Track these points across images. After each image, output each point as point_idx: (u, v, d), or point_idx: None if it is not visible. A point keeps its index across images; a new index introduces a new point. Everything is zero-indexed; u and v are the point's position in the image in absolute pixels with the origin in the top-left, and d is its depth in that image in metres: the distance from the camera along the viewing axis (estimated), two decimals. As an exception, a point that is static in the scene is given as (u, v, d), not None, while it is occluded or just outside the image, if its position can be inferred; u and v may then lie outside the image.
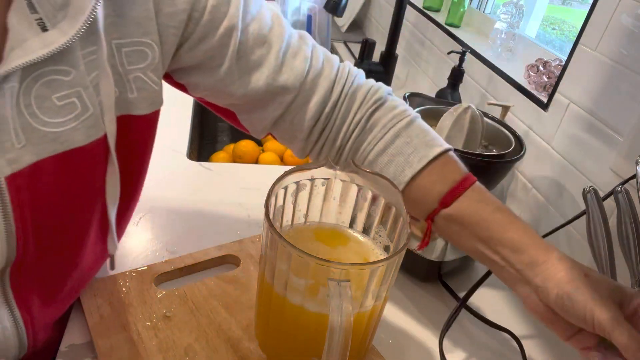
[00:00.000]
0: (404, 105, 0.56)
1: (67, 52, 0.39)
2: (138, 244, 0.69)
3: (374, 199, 0.52)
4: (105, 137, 0.45)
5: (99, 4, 0.39)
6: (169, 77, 0.54)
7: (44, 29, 0.38)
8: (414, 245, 0.57)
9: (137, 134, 0.49)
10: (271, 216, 0.46)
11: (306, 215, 0.54)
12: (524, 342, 0.64)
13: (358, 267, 0.43)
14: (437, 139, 0.54)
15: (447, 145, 0.54)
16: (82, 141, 0.43)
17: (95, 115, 0.43)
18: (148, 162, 0.54)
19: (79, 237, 0.48)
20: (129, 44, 0.45)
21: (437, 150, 0.52)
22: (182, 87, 0.56)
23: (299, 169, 0.50)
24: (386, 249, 0.53)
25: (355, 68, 0.58)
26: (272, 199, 0.48)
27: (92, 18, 0.39)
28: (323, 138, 0.57)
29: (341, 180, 0.53)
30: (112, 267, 0.57)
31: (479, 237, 0.49)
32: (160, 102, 0.50)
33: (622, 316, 0.40)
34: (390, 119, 0.54)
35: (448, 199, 0.50)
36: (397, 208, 0.50)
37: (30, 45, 0.37)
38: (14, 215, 0.40)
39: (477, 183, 0.52)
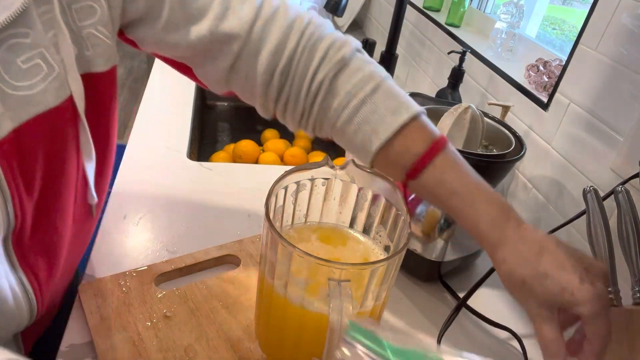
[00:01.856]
0: (370, 65, 0.53)
1: (24, 15, 0.40)
2: (138, 244, 0.69)
3: (374, 199, 0.52)
4: (72, 96, 0.46)
5: None
6: (122, 34, 0.55)
7: None
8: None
9: (100, 93, 0.50)
10: (271, 216, 0.46)
11: (306, 215, 0.54)
12: (524, 341, 0.64)
13: (358, 267, 0.43)
14: (403, 104, 0.51)
15: (414, 110, 0.51)
16: (54, 102, 0.44)
17: (60, 75, 0.44)
18: (115, 120, 0.55)
19: (66, 196, 0.50)
20: (76, 0, 0.46)
21: (403, 118, 0.50)
22: (133, 44, 0.56)
23: (299, 169, 0.50)
24: (386, 248, 0.53)
25: (321, 18, 0.54)
26: (273, 199, 0.48)
27: None
28: (283, 97, 0.54)
29: (341, 180, 0.53)
30: (93, 214, 0.57)
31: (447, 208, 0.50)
32: (116, 58, 0.51)
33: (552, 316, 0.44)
34: (354, 84, 0.51)
35: (413, 173, 0.50)
36: (397, 208, 0.50)
37: None
38: (7, 182, 0.41)
39: (442, 154, 0.50)
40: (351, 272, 0.42)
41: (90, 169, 0.51)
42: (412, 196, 0.67)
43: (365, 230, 0.55)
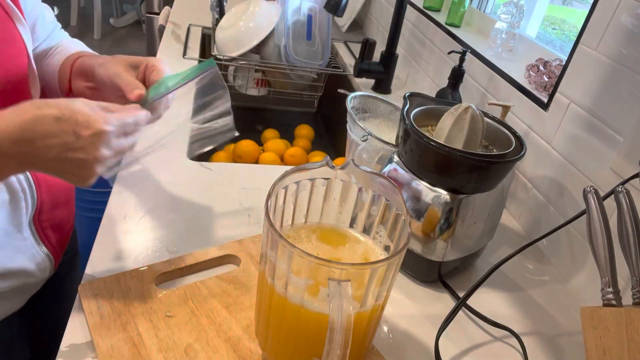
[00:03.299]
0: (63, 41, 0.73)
1: None
2: (138, 244, 0.69)
3: (374, 199, 0.52)
4: None
5: None
6: None
7: None
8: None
9: None
10: (271, 216, 0.46)
11: (306, 215, 0.54)
12: (524, 341, 0.64)
13: (358, 267, 0.43)
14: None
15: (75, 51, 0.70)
16: None
17: None
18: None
19: None
20: None
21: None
22: None
23: (299, 169, 0.50)
24: (386, 248, 0.53)
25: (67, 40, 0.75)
26: (273, 199, 0.48)
27: None
28: None
29: (341, 180, 0.53)
30: None
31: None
32: None
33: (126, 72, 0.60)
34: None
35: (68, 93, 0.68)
36: (397, 208, 0.50)
37: None
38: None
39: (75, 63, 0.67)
40: (351, 272, 0.42)
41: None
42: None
43: (365, 230, 0.55)
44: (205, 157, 1.22)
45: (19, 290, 0.68)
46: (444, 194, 0.65)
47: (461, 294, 0.67)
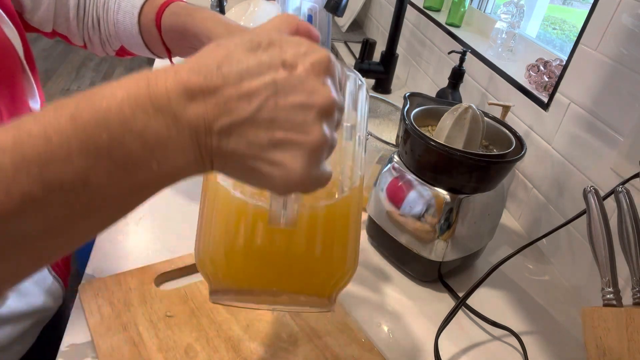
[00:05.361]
0: None
1: None
2: (138, 244, 0.69)
3: None
4: None
5: None
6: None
7: None
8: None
9: None
10: None
11: None
12: (524, 341, 0.64)
13: None
14: None
15: None
16: None
17: None
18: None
19: None
20: None
21: None
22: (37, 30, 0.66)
23: None
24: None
25: None
26: None
27: None
28: (80, 13, 0.66)
29: None
30: None
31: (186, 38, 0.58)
32: None
33: None
34: None
35: (158, 21, 0.61)
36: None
37: None
38: None
39: (175, 4, 0.61)
40: None
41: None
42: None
43: None
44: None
45: (35, 325, 0.64)
46: (444, 194, 0.65)
47: (461, 294, 0.67)
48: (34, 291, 0.62)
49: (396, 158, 0.72)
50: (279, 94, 0.28)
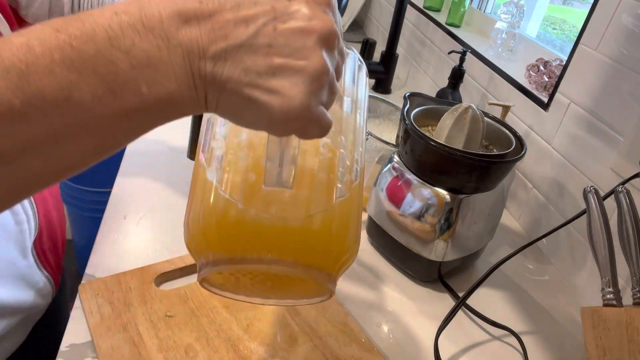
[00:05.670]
0: None
1: None
2: (138, 244, 0.69)
3: None
4: None
5: None
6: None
7: None
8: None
9: None
10: None
11: None
12: (524, 341, 0.64)
13: None
14: None
15: None
16: None
17: None
18: None
19: None
20: None
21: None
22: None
23: None
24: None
25: None
26: None
27: None
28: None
29: None
30: None
31: None
32: None
33: None
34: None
35: None
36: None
37: None
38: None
39: None
40: None
41: None
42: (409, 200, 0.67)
43: None
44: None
45: (24, 322, 0.64)
46: (444, 194, 0.65)
47: (461, 294, 0.67)
48: (20, 285, 0.61)
49: (396, 158, 0.72)
50: (278, 19, 0.27)
